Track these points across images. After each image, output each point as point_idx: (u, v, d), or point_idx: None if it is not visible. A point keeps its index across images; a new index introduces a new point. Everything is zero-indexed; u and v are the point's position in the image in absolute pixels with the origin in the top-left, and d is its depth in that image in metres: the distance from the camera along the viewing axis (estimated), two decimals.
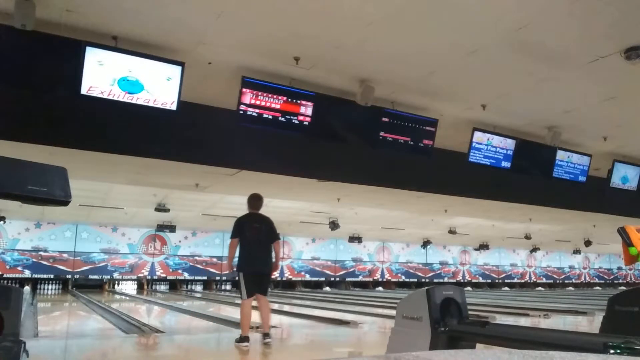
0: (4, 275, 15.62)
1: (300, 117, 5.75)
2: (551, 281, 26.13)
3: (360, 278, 21.41)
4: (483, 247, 22.27)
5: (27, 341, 1.33)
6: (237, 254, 5.76)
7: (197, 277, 18.65)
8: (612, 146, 8.29)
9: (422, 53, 5.06)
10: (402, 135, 6.44)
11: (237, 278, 5.80)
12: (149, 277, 17.96)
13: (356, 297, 14.73)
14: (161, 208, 12.40)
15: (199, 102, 6.18)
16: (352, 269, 21.24)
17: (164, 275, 18.08)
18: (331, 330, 7.36)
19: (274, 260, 5.85)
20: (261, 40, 4.85)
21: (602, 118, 6.99)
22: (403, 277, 22.29)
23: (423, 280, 22.36)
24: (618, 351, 1.32)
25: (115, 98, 4.85)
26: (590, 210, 10.63)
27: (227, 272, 17.81)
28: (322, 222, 15.41)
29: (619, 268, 28.04)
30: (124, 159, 6.42)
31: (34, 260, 16.07)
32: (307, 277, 20.42)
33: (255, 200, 5.99)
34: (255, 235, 5.72)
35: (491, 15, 4.26)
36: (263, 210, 6.10)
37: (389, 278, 22.01)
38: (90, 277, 16.99)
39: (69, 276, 16.60)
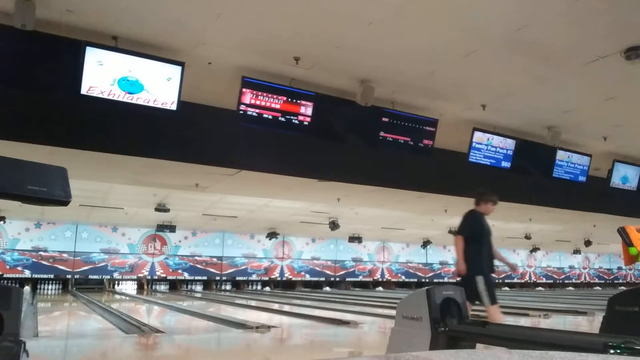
0: (4, 275, 15.59)
1: (300, 117, 5.75)
2: (551, 281, 26.10)
3: (360, 278, 21.38)
4: None
5: (27, 341, 1.33)
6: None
7: (197, 277, 18.62)
8: (612, 146, 8.29)
9: (422, 53, 5.06)
10: (402, 135, 6.44)
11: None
12: (149, 277, 17.94)
13: (356, 297, 14.72)
14: (161, 208, 12.38)
15: (199, 102, 6.18)
16: (352, 269, 21.23)
17: (164, 275, 18.06)
18: (331, 330, 7.36)
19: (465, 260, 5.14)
20: (261, 40, 4.85)
21: (602, 118, 6.99)
22: (403, 277, 22.26)
23: (423, 280, 22.33)
24: (618, 351, 1.32)
25: (115, 98, 4.85)
26: (590, 210, 10.64)
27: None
28: (322, 222, 15.40)
29: (619, 268, 28.02)
30: (124, 159, 6.42)
31: (34, 260, 16.05)
32: (307, 277, 20.40)
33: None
34: None
35: (491, 15, 4.26)
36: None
37: (389, 278, 21.99)
38: (91, 277, 16.98)
39: (69, 276, 16.58)
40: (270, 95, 5.54)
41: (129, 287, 17.87)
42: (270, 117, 5.57)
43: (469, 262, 5.08)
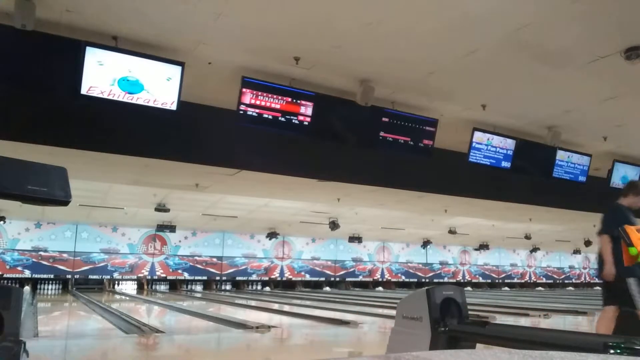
0: (4, 275, 15.60)
1: (300, 117, 5.75)
2: (551, 281, 26.11)
3: (360, 278, 21.39)
4: (483, 247, 22.26)
5: (27, 341, 1.33)
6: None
7: (197, 277, 18.63)
8: (612, 146, 8.29)
9: (422, 53, 5.06)
10: (402, 135, 6.44)
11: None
12: (149, 277, 17.95)
13: (356, 297, 14.72)
14: (161, 208, 12.39)
15: (199, 102, 6.18)
16: (352, 269, 21.23)
17: (164, 275, 18.07)
18: (331, 330, 7.36)
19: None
20: (261, 40, 4.85)
21: (602, 118, 6.99)
22: (403, 277, 22.28)
23: (423, 280, 22.35)
24: (618, 351, 1.32)
25: (115, 98, 4.86)
26: (590, 210, 10.61)
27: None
28: (322, 222, 15.41)
29: None
30: (124, 159, 6.42)
31: (34, 260, 16.06)
32: (307, 277, 20.41)
33: None
34: None
35: (491, 15, 4.26)
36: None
37: (389, 278, 22.00)
38: (91, 277, 16.98)
39: (69, 276, 16.59)
40: (270, 95, 5.54)
41: (129, 287, 17.88)
42: (270, 117, 5.57)
43: (616, 264, 4.49)
